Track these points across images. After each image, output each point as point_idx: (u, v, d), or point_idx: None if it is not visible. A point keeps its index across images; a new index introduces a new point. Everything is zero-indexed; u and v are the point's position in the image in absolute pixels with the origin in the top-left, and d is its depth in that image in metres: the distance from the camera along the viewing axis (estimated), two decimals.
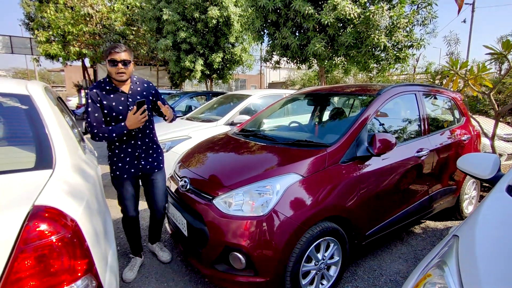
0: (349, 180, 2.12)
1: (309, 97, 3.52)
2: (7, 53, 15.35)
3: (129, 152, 2.20)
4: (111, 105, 2.10)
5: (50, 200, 0.95)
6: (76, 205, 1.06)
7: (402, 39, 5.36)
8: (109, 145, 2.22)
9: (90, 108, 2.06)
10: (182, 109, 7.48)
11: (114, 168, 2.21)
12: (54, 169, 1.18)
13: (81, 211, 1.07)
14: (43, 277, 0.83)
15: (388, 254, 2.71)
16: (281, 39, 6.30)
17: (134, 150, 2.21)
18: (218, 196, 1.99)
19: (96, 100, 2.07)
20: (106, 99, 2.09)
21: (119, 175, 2.21)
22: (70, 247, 0.88)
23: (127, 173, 2.21)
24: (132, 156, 2.21)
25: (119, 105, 2.12)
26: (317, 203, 1.94)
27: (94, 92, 2.08)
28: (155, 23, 10.43)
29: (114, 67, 2.02)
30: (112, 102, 2.11)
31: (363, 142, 2.27)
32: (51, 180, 1.08)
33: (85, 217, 1.11)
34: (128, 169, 2.21)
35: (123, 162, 2.19)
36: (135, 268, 2.40)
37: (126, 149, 2.19)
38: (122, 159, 2.19)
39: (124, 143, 2.18)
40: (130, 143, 2.20)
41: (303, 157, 2.10)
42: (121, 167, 2.19)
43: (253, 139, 2.70)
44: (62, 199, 1.01)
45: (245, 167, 2.17)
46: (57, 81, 51.65)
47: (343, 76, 15.94)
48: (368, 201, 2.24)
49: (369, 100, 2.54)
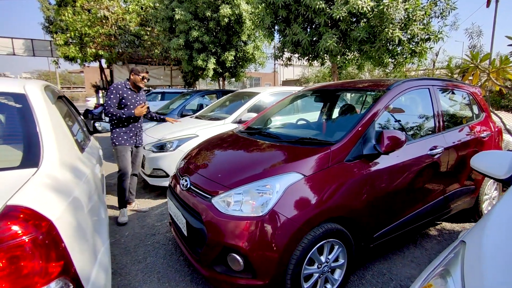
0: (355, 180, 2.01)
1: (317, 93, 3.41)
2: (29, 56, 15.98)
3: (132, 130, 3.39)
4: (128, 97, 3.29)
5: (24, 199, 0.92)
6: (56, 204, 1.03)
7: (418, 32, 5.13)
8: (117, 125, 3.31)
9: (112, 95, 3.19)
10: (193, 108, 7.51)
11: (120, 139, 3.31)
12: (39, 168, 1.16)
13: (63, 209, 1.04)
14: (14, 279, 0.80)
15: (399, 258, 2.57)
16: (291, 36, 6.18)
17: (135, 129, 3.43)
18: (217, 196, 1.93)
19: (118, 92, 3.23)
20: (125, 93, 3.28)
21: (124, 143, 3.32)
22: (42, 249, 0.85)
23: (129, 143, 3.37)
24: (133, 132, 3.41)
25: (132, 99, 3.34)
26: (320, 203, 1.85)
27: (119, 87, 3.26)
28: (168, 22, 10.52)
29: (142, 80, 3.35)
30: (129, 96, 3.31)
31: (370, 139, 2.15)
32: (32, 179, 1.06)
33: (69, 215, 1.08)
34: (130, 140, 3.38)
35: (128, 135, 3.35)
36: (126, 214, 3.41)
37: (131, 128, 3.38)
38: (127, 134, 3.35)
39: (130, 124, 3.37)
40: (134, 124, 3.40)
41: (305, 155, 2.01)
42: (126, 138, 3.34)
43: (257, 137, 2.64)
44: (39, 198, 0.98)
45: (246, 166, 2.11)
46: (78, 82, 53.38)
47: (358, 73, 15.57)
48: (376, 202, 2.13)
49: (378, 96, 2.42)
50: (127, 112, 3.23)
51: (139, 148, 3.59)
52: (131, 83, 3.32)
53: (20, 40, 16.06)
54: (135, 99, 3.34)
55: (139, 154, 3.61)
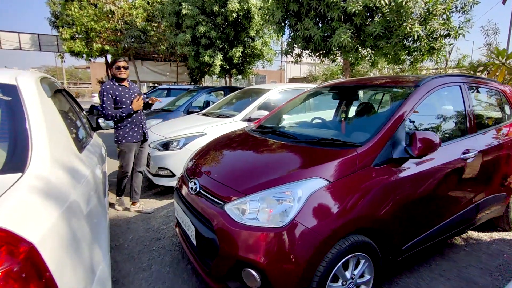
0: (383, 186, 1.79)
1: (333, 90, 3.19)
2: (35, 51, 15.92)
3: (136, 124, 3.29)
4: (120, 94, 3.16)
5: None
6: (43, 218, 0.84)
7: (438, 27, 4.86)
8: (119, 122, 3.20)
9: (105, 98, 3.10)
10: (200, 105, 7.32)
11: (126, 136, 3.22)
12: (25, 171, 0.97)
13: (51, 223, 0.85)
14: None
15: (427, 271, 2.35)
16: (303, 31, 5.94)
17: (138, 123, 3.32)
18: (231, 202, 1.73)
19: (109, 92, 3.12)
20: (117, 91, 3.16)
21: (130, 140, 3.24)
22: (17, 284, 0.66)
23: (135, 138, 3.28)
24: (138, 126, 3.30)
25: (125, 95, 3.21)
26: (346, 213, 1.64)
27: (108, 87, 3.13)
28: (175, 17, 10.33)
29: (119, 71, 3.16)
30: (121, 92, 3.18)
31: (400, 141, 1.93)
32: (15, 187, 0.87)
33: (60, 228, 0.89)
34: (135, 135, 3.28)
35: (133, 130, 3.26)
36: (123, 203, 3.51)
37: (134, 123, 3.28)
38: (131, 130, 3.24)
39: (132, 119, 3.25)
40: (136, 118, 3.28)
41: (329, 158, 1.80)
42: (131, 134, 3.24)
43: (271, 136, 2.43)
44: (19, 213, 0.79)
45: (262, 169, 1.90)
46: (84, 78, 53.61)
47: (367, 70, 15.25)
48: (405, 211, 1.91)
49: (407, 93, 2.19)
50: (125, 110, 3.15)
51: (145, 144, 3.47)
52: (115, 78, 3.22)
53: (27, 35, 16.00)
54: (129, 94, 3.22)
55: (145, 150, 3.48)
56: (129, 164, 3.31)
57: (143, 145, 3.45)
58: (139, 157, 3.44)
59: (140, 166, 3.48)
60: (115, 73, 3.16)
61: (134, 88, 3.36)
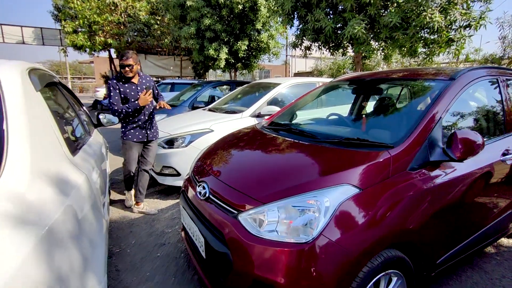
0: (421, 194, 1.56)
1: (353, 84, 2.94)
2: (38, 45, 15.73)
3: (139, 123, 3.12)
4: (126, 91, 3.01)
5: None
6: (7, 259, 0.63)
7: (459, 17, 4.56)
8: (124, 119, 3.06)
9: (112, 93, 2.96)
10: (205, 100, 7.09)
11: (128, 133, 3.09)
12: None
13: (18, 263, 0.65)
14: None
15: (457, 284, 2.13)
16: (313, 22, 5.66)
17: (143, 123, 3.14)
18: (246, 211, 1.52)
19: (115, 88, 2.98)
20: (122, 87, 3.01)
21: (131, 139, 3.10)
22: None
23: (137, 138, 3.13)
24: (142, 126, 3.14)
25: (131, 92, 3.04)
26: (381, 225, 1.41)
27: (115, 81, 2.99)
28: (179, 10, 10.04)
29: (125, 69, 2.96)
30: (127, 89, 3.02)
31: (437, 142, 1.70)
32: None
33: (35, 261, 0.69)
34: (138, 135, 3.13)
35: (136, 130, 3.11)
36: (132, 198, 3.38)
37: (137, 122, 3.10)
38: (133, 128, 3.10)
39: (136, 117, 3.09)
40: (140, 117, 3.11)
41: (358, 161, 1.57)
42: (133, 133, 3.10)
43: (286, 135, 2.20)
44: None
45: (280, 172, 1.68)
46: (88, 73, 53.50)
47: (375, 65, 14.88)
48: (443, 220, 1.68)
49: (442, 87, 1.94)
50: (131, 105, 2.98)
51: (152, 142, 3.29)
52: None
53: (30, 28, 15.80)
54: (135, 91, 3.06)
55: (152, 148, 3.30)
56: (130, 161, 3.18)
57: (150, 143, 3.27)
58: (145, 155, 3.28)
59: (146, 164, 3.30)
60: (121, 70, 2.99)
61: (145, 83, 3.14)
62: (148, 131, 3.18)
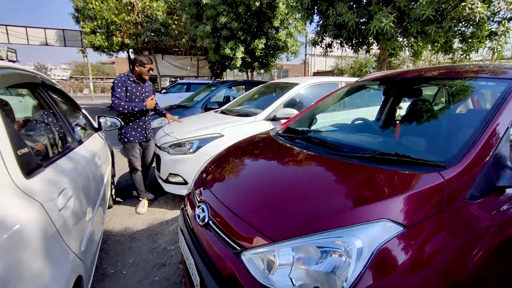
0: (487, 233, 1.16)
1: (384, 84, 2.53)
2: (60, 46, 16.09)
3: (140, 124, 3.19)
4: (132, 91, 3.06)
5: None
6: None
7: (504, 7, 4.00)
8: (124, 120, 3.08)
9: (119, 89, 2.99)
10: (219, 100, 6.81)
11: (128, 135, 3.13)
12: None
13: None
14: None
15: None
16: (335, 17, 5.23)
17: (143, 123, 3.22)
18: (251, 249, 1.18)
19: (123, 85, 3.01)
20: (130, 86, 3.05)
21: (132, 141, 3.15)
22: None
23: (138, 139, 3.19)
24: (142, 127, 3.21)
25: (136, 92, 3.10)
26: (435, 277, 1.03)
27: (123, 79, 3.02)
28: (195, 8, 9.85)
29: (148, 72, 3.09)
30: (133, 89, 3.07)
31: (505, 161, 1.28)
32: None
33: None
34: (139, 136, 3.20)
35: (136, 131, 3.17)
36: (145, 206, 3.32)
37: (139, 123, 3.18)
38: (136, 129, 3.16)
39: (139, 118, 3.17)
40: (141, 118, 3.19)
41: (399, 187, 1.19)
42: (133, 134, 3.15)
43: (305, 145, 1.84)
44: None
45: (296, 199, 1.32)
46: (111, 73, 55.07)
47: (400, 63, 14.12)
48: (504, 265, 1.27)
49: (507, 88, 1.52)
50: (139, 105, 3.04)
51: (150, 142, 3.39)
52: (135, 74, 3.08)
53: (53, 30, 16.20)
54: (140, 92, 3.13)
55: (150, 148, 3.42)
56: (134, 160, 3.23)
57: (148, 143, 3.37)
58: (145, 155, 3.41)
59: (146, 162, 3.47)
60: (142, 71, 3.05)
61: (149, 87, 3.25)
62: (146, 132, 3.28)
